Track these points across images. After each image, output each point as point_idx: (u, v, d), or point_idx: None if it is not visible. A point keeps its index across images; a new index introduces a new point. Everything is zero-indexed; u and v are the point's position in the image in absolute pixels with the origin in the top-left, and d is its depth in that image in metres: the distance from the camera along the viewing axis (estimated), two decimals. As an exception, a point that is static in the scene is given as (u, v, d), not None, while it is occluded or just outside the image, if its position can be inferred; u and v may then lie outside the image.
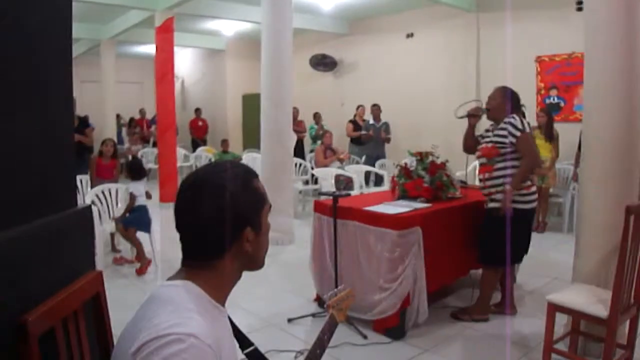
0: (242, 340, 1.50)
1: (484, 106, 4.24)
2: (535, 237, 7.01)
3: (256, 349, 1.51)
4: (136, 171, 6.21)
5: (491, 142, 4.04)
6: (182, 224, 1.29)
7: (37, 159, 1.64)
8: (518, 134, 3.90)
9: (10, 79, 1.49)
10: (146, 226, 5.97)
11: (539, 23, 9.03)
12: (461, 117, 4.25)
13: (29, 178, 1.59)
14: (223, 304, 1.31)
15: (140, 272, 5.67)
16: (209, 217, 1.25)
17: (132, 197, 5.95)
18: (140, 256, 5.79)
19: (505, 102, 4.04)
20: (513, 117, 3.97)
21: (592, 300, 3.17)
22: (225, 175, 1.29)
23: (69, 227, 1.74)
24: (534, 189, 4.12)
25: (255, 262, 1.36)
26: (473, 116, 4.19)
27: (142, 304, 1.24)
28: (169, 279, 1.29)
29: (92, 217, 2.01)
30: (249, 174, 1.34)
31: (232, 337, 1.38)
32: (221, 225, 1.25)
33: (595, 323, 3.18)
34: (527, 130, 3.96)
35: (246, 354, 1.50)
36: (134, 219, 5.92)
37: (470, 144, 4.30)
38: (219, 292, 1.28)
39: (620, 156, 3.50)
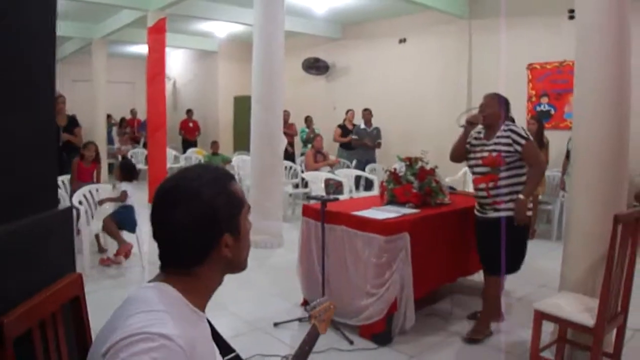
0: (224, 347, 1.47)
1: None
2: (524, 244, 7.12)
3: (237, 356, 1.49)
4: (128, 172, 6.20)
5: (494, 150, 3.89)
6: (158, 233, 1.26)
7: (19, 158, 1.61)
8: (523, 142, 3.82)
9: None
10: (132, 226, 5.98)
11: (531, 30, 9.06)
12: (462, 126, 4.14)
13: (9, 177, 1.56)
14: (202, 309, 1.29)
15: (118, 253, 5.76)
16: (183, 226, 1.22)
17: (124, 193, 5.96)
18: (120, 244, 5.85)
19: (500, 108, 3.99)
20: (514, 125, 3.94)
21: (579, 309, 3.16)
22: (199, 181, 1.26)
23: (49, 228, 1.72)
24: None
25: (236, 266, 1.33)
26: (471, 124, 4.09)
27: (119, 305, 1.22)
28: (149, 281, 1.26)
29: (73, 218, 1.98)
30: (224, 178, 1.31)
31: (211, 342, 1.36)
32: (197, 234, 1.23)
33: (582, 331, 3.17)
34: (531, 138, 3.92)
35: None
36: (121, 218, 5.93)
37: (462, 152, 4.20)
38: (198, 298, 1.26)
39: (609, 164, 3.50)
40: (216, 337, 1.42)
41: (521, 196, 3.81)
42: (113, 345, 1.05)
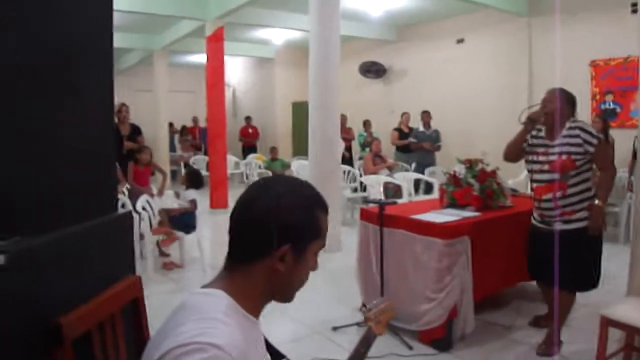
0: (275, 355, 1.46)
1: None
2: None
3: None
4: (195, 180, 6.48)
5: (562, 153, 3.51)
6: (233, 217, 1.28)
7: (78, 163, 1.66)
8: (595, 142, 3.45)
9: (51, 82, 1.53)
10: (187, 229, 6.16)
11: (593, 26, 8.78)
12: (523, 123, 3.82)
13: (69, 182, 1.61)
14: (256, 316, 1.28)
15: (164, 244, 5.99)
16: (255, 216, 1.23)
17: (194, 202, 6.19)
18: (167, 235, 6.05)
19: (566, 104, 3.62)
20: (583, 122, 3.60)
21: (648, 315, 3.02)
22: (288, 188, 1.27)
23: (108, 232, 1.76)
24: None
25: (282, 290, 1.30)
26: (533, 121, 3.72)
27: (172, 311, 1.22)
28: (203, 286, 1.26)
29: (132, 223, 2.02)
30: (316, 203, 1.30)
31: (264, 350, 1.35)
32: (263, 227, 1.22)
33: (652, 339, 3.03)
34: (602, 137, 3.59)
35: None
36: (180, 219, 6.14)
37: (517, 152, 3.86)
38: (250, 302, 1.25)
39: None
40: (267, 344, 1.41)
41: (598, 202, 3.49)
42: (164, 355, 1.05)
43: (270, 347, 1.44)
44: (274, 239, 1.22)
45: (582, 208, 3.53)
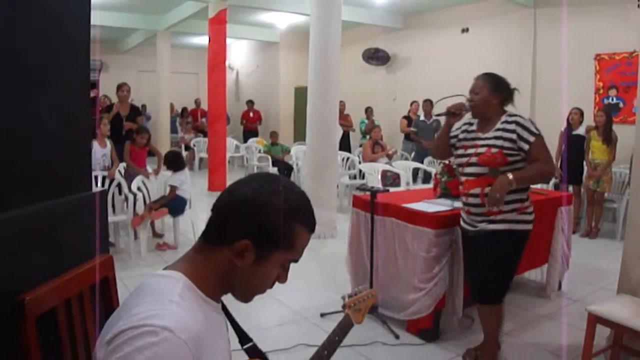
0: (242, 336, 1.45)
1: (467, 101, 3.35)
2: (585, 243, 6.88)
3: (255, 345, 1.46)
4: (172, 162, 6.35)
5: (494, 146, 3.13)
6: (219, 197, 1.26)
7: (51, 142, 1.64)
8: (532, 139, 3.06)
9: (27, 61, 1.51)
10: (174, 213, 6.15)
11: (599, 20, 8.69)
12: (439, 115, 3.55)
13: (42, 161, 1.59)
14: (216, 300, 1.26)
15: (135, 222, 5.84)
16: (232, 200, 1.22)
17: (172, 188, 6.09)
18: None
19: (494, 93, 3.22)
20: (520, 116, 3.16)
21: (637, 313, 2.99)
22: (286, 193, 1.23)
23: (79, 210, 1.74)
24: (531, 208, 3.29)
25: (239, 288, 1.27)
26: (453, 115, 3.37)
27: (131, 292, 1.20)
28: (165, 267, 1.24)
29: (107, 201, 2.00)
30: (303, 217, 1.26)
31: (225, 333, 1.32)
32: (233, 213, 1.20)
33: (638, 338, 3.00)
34: (541, 133, 3.12)
35: (245, 350, 1.45)
36: (168, 203, 6.13)
37: (445, 148, 3.50)
38: (209, 286, 1.22)
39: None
40: (234, 325, 1.39)
41: (510, 175, 3.01)
42: (116, 336, 1.04)
43: (238, 331, 1.42)
44: (238, 229, 1.20)
45: (513, 210, 3.16)
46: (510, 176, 3.00)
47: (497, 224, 3.17)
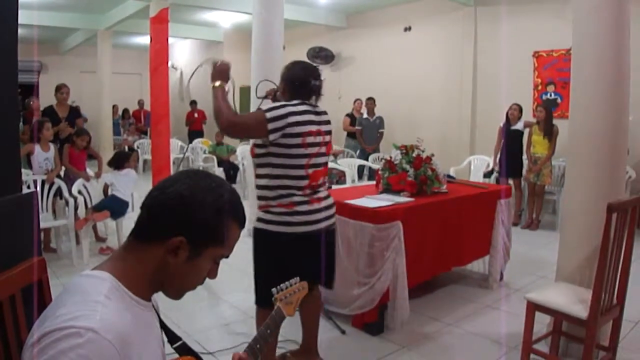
0: (171, 335, 1.44)
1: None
2: (527, 234, 7.07)
3: (184, 343, 1.45)
4: (112, 160, 6.47)
5: None
6: (148, 194, 1.26)
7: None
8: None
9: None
10: (114, 215, 6.03)
11: (537, 17, 8.92)
12: (260, 98, 3.57)
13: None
14: (146, 299, 1.25)
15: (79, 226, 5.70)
16: (165, 197, 1.21)
17: (106, 186, 6.16)
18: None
19: (286, 85, 3.28)
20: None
21: (573, 300, 3.09)
22: (217, 189, 1.25)
23: (7, 213, 1.69)
24: (299, 208, 3.04)
25: (171, 285, 1.27)
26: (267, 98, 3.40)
27: (58, 293, 1.18)
28: (94, 268, 1.22)
29: (36, 204, 1.95)
30: (235, 212, 1.28)
31: (157, 332, 1.31)
32: (167, 210, 1.20)
33: (576, 324, 3.09)
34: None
35: (175, 348, 1.44)
36: (107, 205, 6.01)
37: None
38: (138, 285, 1.21)
39: (606, 153, 3.42)
40: (162, 325, 1.38)
41: (218, 83, 3.14)
42: (41, 338, 1.02)
43: (166, 330, 1.41)
44: (172, 226, 1.19)
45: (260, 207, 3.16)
46: (218, 83, 3.12)
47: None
